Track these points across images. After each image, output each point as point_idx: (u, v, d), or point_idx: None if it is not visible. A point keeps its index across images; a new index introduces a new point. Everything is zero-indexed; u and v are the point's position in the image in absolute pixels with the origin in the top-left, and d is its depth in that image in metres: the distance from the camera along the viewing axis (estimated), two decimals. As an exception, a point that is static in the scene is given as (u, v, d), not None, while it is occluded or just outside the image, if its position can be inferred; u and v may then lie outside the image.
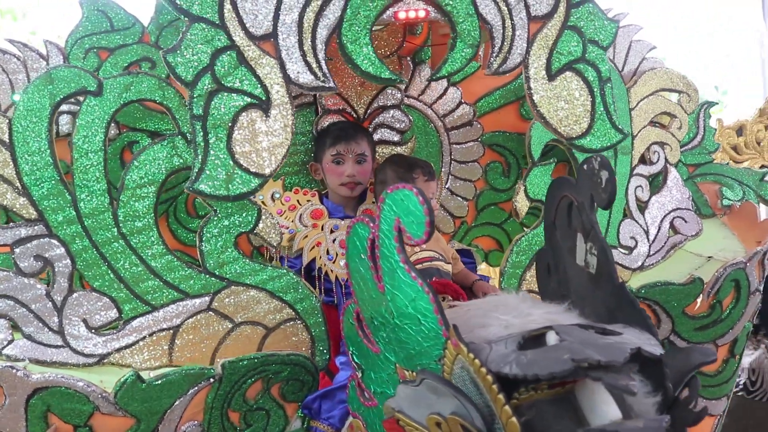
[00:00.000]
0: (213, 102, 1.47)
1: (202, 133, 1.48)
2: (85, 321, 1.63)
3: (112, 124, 1.96)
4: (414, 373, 1.17)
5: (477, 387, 0.99)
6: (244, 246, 2.12)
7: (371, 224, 1.20)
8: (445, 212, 2.35)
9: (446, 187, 2.34)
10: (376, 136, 2.19)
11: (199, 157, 1.49)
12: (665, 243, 2.24)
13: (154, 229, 1.66)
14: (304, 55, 1.49)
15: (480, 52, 1.72)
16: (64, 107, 1.83)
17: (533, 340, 1.06)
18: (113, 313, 1.65)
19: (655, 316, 1.95)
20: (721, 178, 2.52)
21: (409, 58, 2.15)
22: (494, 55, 1.61)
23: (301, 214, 2.04)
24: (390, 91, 2.15)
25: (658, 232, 2.24)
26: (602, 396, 0.96)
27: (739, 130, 3.52)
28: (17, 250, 1.59)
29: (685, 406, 1.05)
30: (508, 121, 2.34)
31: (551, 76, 1.68)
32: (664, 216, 2.27)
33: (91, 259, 1.62)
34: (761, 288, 2.09)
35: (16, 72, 1.89)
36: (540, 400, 1.00)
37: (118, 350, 1.64)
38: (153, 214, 1.65)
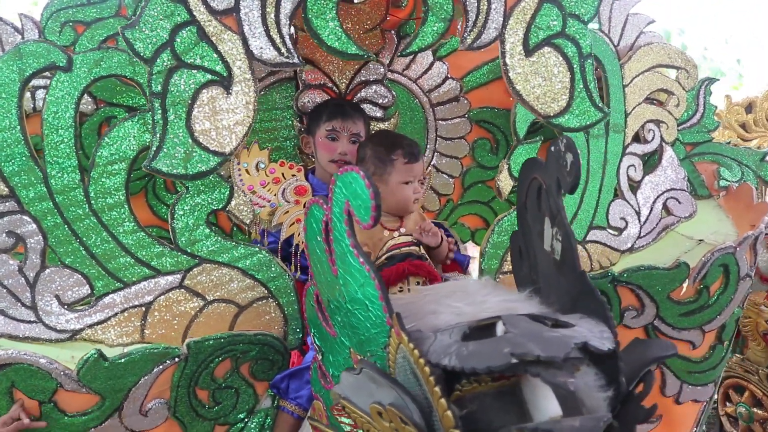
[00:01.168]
0: (172, 79, 1.45)
1: (160, 111, 1.45)
2: (57, 297, 1.64)
3: (90, 99, 1.97)
4: (372, 361, 1.16)
5: (417, 378, 0.97)
6: (223, 223, 2.13)
7: (325, 206, 1.17)
8: (431, 190, 2.30)
9: (432, 164, 2.30)
10: (358, 112, 2.14)
11: (158, 134, 1.47)
12: (657, 224, 2.18)
13: (126, 206, 1.65)
14: (267, 30, 1.45)
15: (459, 27, 1.65)
16: (40, 82, 1.82)
17: (481, 330, 1.03)
18: (85, 290, 1.65)
19: (639, 301, 1.91)
20: (720, 158, 2.44)
21: (393, 32, 2.09)
22: (468, 29, 1.55)
23: (284, 189, 2.01)
24: (373, 66, 2.10)
25: (650, 213, 2.18)
26: (543, 391, 0.94)
27: (749, 107, 3.39)
28: (-11, 227, 1.59)
29: (637, 401, 1.02)
30: (496, 96, 2.27)
31: (528, 51, 1.62)
32: (657, 196, 2.21)
33: (63, 235, 1.62)
34: (752, 273, 2.03)
35: (-9, 45, 1.87)
36: (484, 393, 0.98)
37: (91, 326, 1.65)
38: (124, 191, 1.64)
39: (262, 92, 2.07)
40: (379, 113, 2.16)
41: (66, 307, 1.64)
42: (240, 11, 1.44)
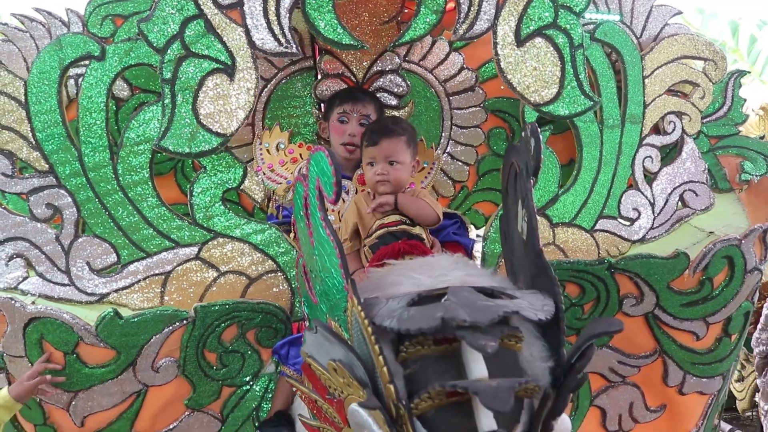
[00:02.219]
0: (181, 67, 1.59)
1: (170, 96, 1.60)
2: (88, 263, 1.80)
3: (126, 86, 2.15)
4: (338, 324, 1.26)
5: (364, 339, 1.07)
6: (246, 201, 2.28)
7: (304, 183, 1.28)
8: (445, 176, 2.37)
9: (446, 151, 2.36)
10: (374, 101, 2.23)
11: (167, 117, 1.61)
12: (671, 216, 2.19)
13: (149, 183, 1.80)
14: (268, 23, 1.57)
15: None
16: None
17: (429, 298, 1.12)
18: (113, 258, 1.81)
19: (638, 289, 1.93)
20: (745, 151, 2.38)
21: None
22: (460, 20, 1.62)
23: (300, 168, 2.13)
24: (389, 56, 2.19)
25: (665, 204, 2.18)
26: (474, 355, 1.01)
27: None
28: (31, 198, 1.78)
29: (574, 373, 1.08)
30: None
31: (520, 41, 1.67)
32: (674, 188, 2.21)
33: (94, 208, 1.79)
34: (762, 267, 2.00)
35: (42, 38, 2.06)
36: (426, 356, 1.07)
37: (117, 291, 1.80)
38: (148, 169, 1.79)
39: (284, 81, 2.20)
40: (394, 101, 2.24)
41: (96, 272, 1.80)
42: (244, 5, 1.57)
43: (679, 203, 2.22)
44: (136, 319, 1.65)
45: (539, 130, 1.93)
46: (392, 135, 1.89)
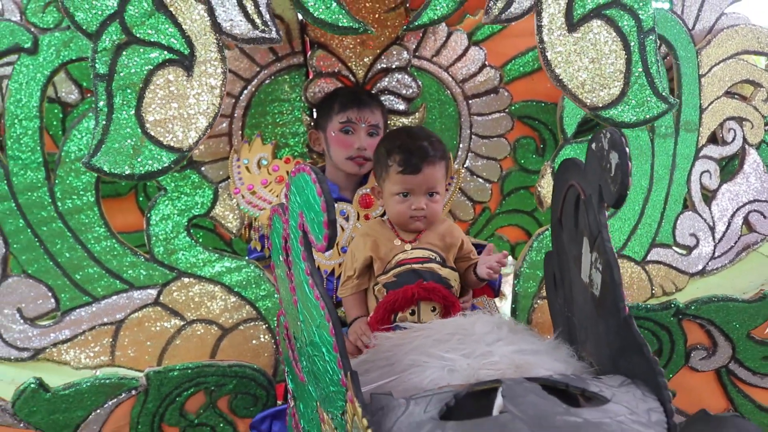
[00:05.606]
0: (121, 58, 1.22)
1: (105, 96, 1.23)
2: (19, 310, 1.50)
3: (75, 88, 1.80)
4: (334, 426, 0.88)
5: (374, 466, 0.69)
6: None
7: (283, 217, 0.90)
8: (463, 196, 2.01)
9: (465, 166, 2.01)
10: (378, 105, 1.89)
11: (101, 125, 1.24)
12: (735, 243, 1.91)
13: (95, 209, 1.48)
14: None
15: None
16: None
17: (473, 398, 0.73)
18: (50, 303, 1.50)
19: (710, 339, 1.59)
20: (820, 164, 2.06)
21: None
22: (494, -1, 1.26)
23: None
24: (395, 51, 1.83)
25: (727, 228, 1.91)
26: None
27: None
28: (-53, 229, 1.46)
29: None
30: (543, 88, 2.00)
31: (572, 25, 1.33)
32: (737, 209, 1.93)
33: (26, 240, 1.48)
34: None
35: (-33, 28, 1.72)
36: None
37: (55, 344, 1.50)
38: (94, 191, 1.47)
39: (268, 81, 1.84)
40: (402, 106, 1.89)
41: (29, 321, 1.50)
42: (205, -26, 1.20)
43: (744, 227, 1.95)
44: (67, 392, 1.28)
45: (581, 139, 1.61)
46: (434, 161, 1.50)
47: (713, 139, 1.95)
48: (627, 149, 0.86)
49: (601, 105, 1.40)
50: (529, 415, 0.66)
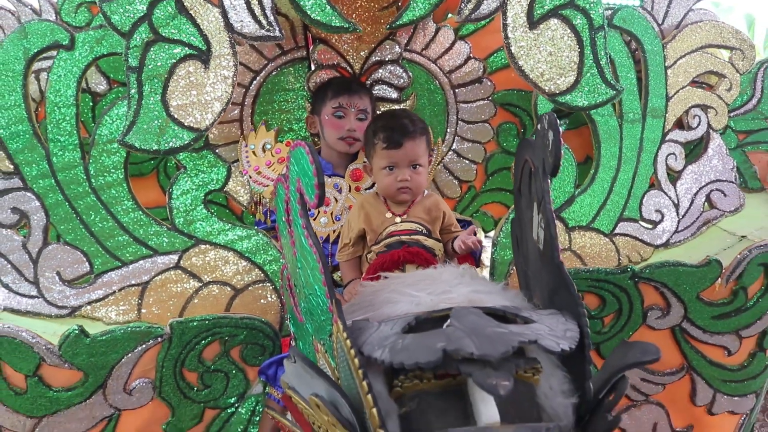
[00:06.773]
0: (149, 53, 1.42)
1: (136, 85, 1.43)
2: (58, 273, 1.65)
3: (103, 80, 1.98)
4: (324, 349, 1.09)
5: (351, 371, 0.89)
6: (235, 204, 2.11)
7: (285, 184, 1.11)
8: (451, 176, 2.20)
9: (452, 148, 2.19)
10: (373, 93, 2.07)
11: (132, 109, 1.44)
12: (697, 218, 2.02)
13: (124, 185, 1.64)
14: (248, 3, 1.40)
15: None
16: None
17: (429, 322, 0.94)
18: (85, 267, 1.65)
19: (664, 300, 1.75)
20: (778, 148, 2.21)
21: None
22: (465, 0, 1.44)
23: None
24: (388, 45, 2.01)
25: (690, 205, 2.03)
26: (481, 393, 0.83)
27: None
28: (-5, 202, 1.62)
29: (603, 411, 0.90)
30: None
31: (533, 23, 1.49)
32: (700, 188, 2.05)
33: (64, 213, 1.63)
34: (801, 274, 1.81)
35: (11, 28, 1.91)
36: (426, 391, 0.89)
37: (89, 303, 1.65)
38: (123, 170, 1.64)
39: (275, 72, 2.03)
40: (394, 95, 2.07)
41: (67, 283, 1.65)
42: (220, -17, 1.40)
43: (706, 204, 2.07)
44: (104, 337, 1.48)
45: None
46: (414, 136, 1.69)
47: (680, 124, 2.04)
48: (560, 128, 1.05)
49: (558, 91, 1.56)
50: (468, 327, 0.86)
